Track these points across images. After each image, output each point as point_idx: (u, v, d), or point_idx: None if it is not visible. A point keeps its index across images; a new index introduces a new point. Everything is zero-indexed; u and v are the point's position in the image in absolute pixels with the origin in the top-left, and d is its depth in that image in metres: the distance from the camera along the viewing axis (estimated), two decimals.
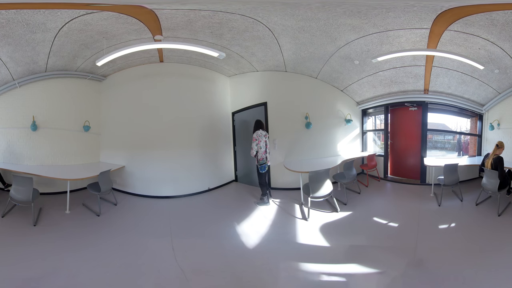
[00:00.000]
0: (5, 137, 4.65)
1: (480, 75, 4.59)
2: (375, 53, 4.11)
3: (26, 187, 3.60)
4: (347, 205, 4.37)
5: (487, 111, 5.36)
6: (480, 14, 3.06)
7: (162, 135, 5.04)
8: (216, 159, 5.61)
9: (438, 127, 6.06)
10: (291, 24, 3.55)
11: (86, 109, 5.14)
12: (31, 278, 2.47)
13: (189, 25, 3.55)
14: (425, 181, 5.47)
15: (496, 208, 3.90)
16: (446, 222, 3.76)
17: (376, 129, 6.60)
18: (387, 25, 3.45)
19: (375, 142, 6.67)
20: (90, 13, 3.16)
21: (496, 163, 3.97)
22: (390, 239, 3.38)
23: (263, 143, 4.35)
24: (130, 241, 3.32)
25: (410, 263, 2.78)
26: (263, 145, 4.34)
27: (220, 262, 2.88)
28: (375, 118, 6.60)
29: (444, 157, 5.90)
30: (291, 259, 2.94)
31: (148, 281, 2.55)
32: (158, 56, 4.80)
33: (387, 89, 5.56)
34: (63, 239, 3.28)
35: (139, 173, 5.05)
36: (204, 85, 5.39)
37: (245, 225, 3.79)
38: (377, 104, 5.89)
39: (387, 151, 6.06)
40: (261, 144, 4.35)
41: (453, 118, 6.04)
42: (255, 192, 5.01)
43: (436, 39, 3.66)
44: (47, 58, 4.16)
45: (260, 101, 5.41)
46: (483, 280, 2.45)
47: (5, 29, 3.28)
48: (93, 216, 4.00)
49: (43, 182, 4.33)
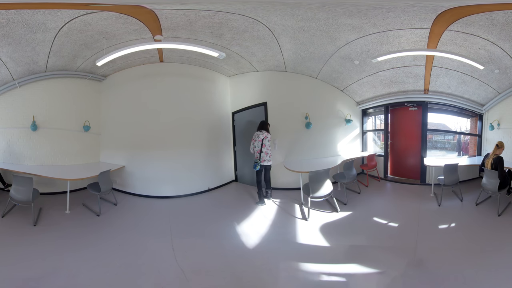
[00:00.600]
0: (5, 137, 4.65)
1: (480, 75, 4.59)
2: (375, 53, 4.11)
3: (26, 187, 3.60)
4: (347, 205, 4.37)
5: (487, 111, 5.36)
6: (480, 14, 3.06)
7: (162, 135, 5.04)
8: (216, 159, 5.61)
9: (438, 127, 6.06)
10: (291, 24, 3.55)
11: (86, 109, 5.13)
12: (31, 278, 2.47)
13: (189, 25, 3.55)
14: (425, 181, 5.47)
15: (496, 208, 3.90)
16: (446, 222, 3.76)
17: (376, 129, 6.60)
18: (387, 25, 3.45)
19: (375, 142, 6.67)
20: (90, 13, 3.16)
21: (496, 163, 3.97)
22: (390, 239, 3.38)
23: (257, 143, 4.63)
24: (130, 241, 3.32)
25: (410, 263, 2.78)
26: (257, 145, 4.62)
27: (220, 262, 2.88)
28: (375, 118, 6.60)
29: (444, 157, 5.90)
30: (291, 259, 2.94)
31: (148, 281, 2.55)
32: (158, 56, 4.80)
33: (387, 89, 5.56)
34: (63, 239, 3.28)
35: (139, 173, 5.05)
36: (204, 85, 5.39)
37: (245, 225, 3.79)
38: (377, 104, 5.89)
39: (387, 151, 6.06)
40: (256, 143, 4.64)
41: (453, 118, 6.04)
42: (255, 192, 5.01)
43: (436, 39, 3.66)
44: (47, 58, 4.16)
45: (260, 101, 5.41)
46: (483, 280, 2.45)
47: (5, 29, 3.28)
48: (93, 216, 4.00)
49: (43, 182, 4.33)
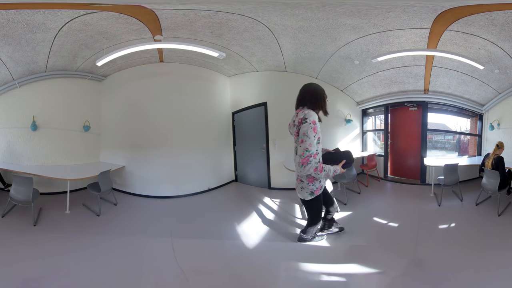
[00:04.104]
0: (5, 137, 4.64)
1: (480, 75, 4.59)
2: (375, 53, 4.11)
3: (26, 187, 3.59)
4: (347, 205, 4.37)
5: (487, 111, 5.36)
6: (480, 14, 3.06)
7: (162, 135, 5.04)
8: (216, 159, 5.61)
9: (438, 127, 6.06)
10: (291, 24, 3.54)
11: (86, 109, 5.13)
12: (31, 278, 2.47)
13: (189, 25, 3.55)
14: (425, 181, 5.47)
15: (496, 208, 3.90)
16: (446, 222, 3.76)
17: (376, 129, 6.60)
18: (387, 25, 3.45)
19: (375, 142, 6.67)
20: (90, 13, 3.16)
21: (497, 163, 3.97)
22: (390, 239, 3.37)
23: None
24: (130, 241, 3.32)
25: (410, 263, 2.77)
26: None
27: (220, 262, 2.88)
28: (375, 118, 6.59)
29: (444, 157, 5.90)
30: (291, 259, 2.93)
31: (148, 281, 2.55)
32: (158, 56, 4.80)
33: (387, 89, 5.56)
34: (63, 239, 3.28)
35: (139, 173, 5.05)
36: (204, 85, 5.39)
37: (245, 225, 3.79)
38: (377, 104, 5.89)
39: (387, 151, 6.06)
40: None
41: (453, 118, 6.04)
42: (255, 192, 5.00)
43: (436, 39, 3.66)
44: (47, 58, 4.16)
45: (260, 101, 5.41)
46: (483, 280, 2.45)
47: (5, 29, 3.28)
48: (93, 216, 4.00)
49: (43, 182, 4.33)
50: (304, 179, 2.56)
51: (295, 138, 2.41)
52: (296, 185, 2.72)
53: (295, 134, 2.44)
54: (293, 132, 2.51)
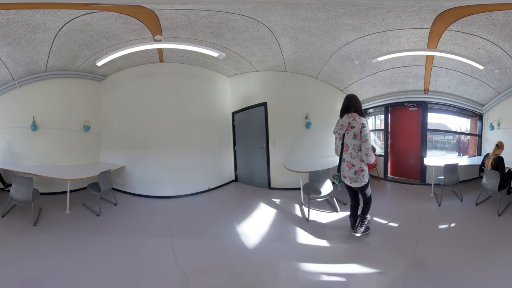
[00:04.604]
0: (5, 137, 4.64)
1: (480, 75, 4.59)
2: (375, 53, 4.10)
3: (26, 187, 3.59)
4: (347, 205, 4.34)
5: (487, 111, 5.36)
6: (480, 14, 3.06)
7: (162, 135, 5.04)
8: (216, 159, 5.61)
9: (438, 127, 6.06)
10: (291, 24, 3.54)
11: (86, 109, 5.13)
12: (31, 278, 2.47)
13: (189, 25, 3.55)
14: (425, 181, 5.47)
15: (496, 208, 3.90)
16: (446, 222, 3.76)
17: (376, 129, 6.59)
18: (387, 25, 3.45)
19: (375, 142, 6.66)
20: (90, 13, 3.16)
21: (497, 163, 3.97)
22: (390, 239, 3.38)
23: (338, 140, 3.28)
24: (130, 241, 3.32)
25: (410, 263, 2.77)
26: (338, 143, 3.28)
27: (220, 262, 2.88)
28: (375, 118, 6.59)
29: (444, 157, 5.90)
30: (291, 259, 2.94)
31: (148, 281, 2.55)
32: (158, 56, 4.80)
33: (387, 89, 5.55)
34: (63, 239, 3.28)
35: (139, 173, 5.05)
36: (204, 85, 5.39)
37: (245, 225, 3.79)
38: (377, 104, 5.88)
39: (387, 151, 6.05)
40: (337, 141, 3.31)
41: (453, 118, 6.03)
42: (255, 192, 5.00)
43: (436, 39, 3.66)
44: (47, 58, 4.16)
45: (260, 101, 5.41)
46: (483, 280, 2.45)
47: (5, 29, 3.28)
48: (93, 216, 4.00)
49: (43, 182, 4.33)
50: (365, 167, 3.15)
51: (353, 136, 3.11)
52: (352, 178, 3.17)
53: (352, 133, 3.11)
54: (345, 132, 3.20)
